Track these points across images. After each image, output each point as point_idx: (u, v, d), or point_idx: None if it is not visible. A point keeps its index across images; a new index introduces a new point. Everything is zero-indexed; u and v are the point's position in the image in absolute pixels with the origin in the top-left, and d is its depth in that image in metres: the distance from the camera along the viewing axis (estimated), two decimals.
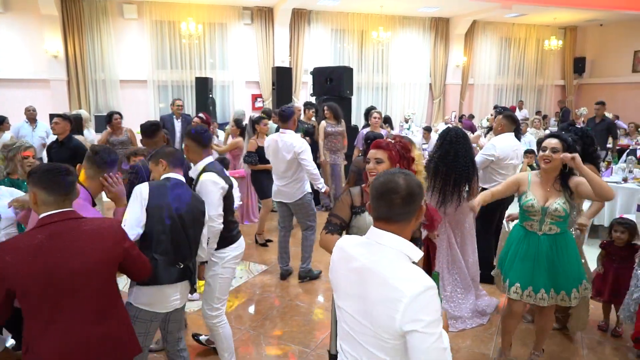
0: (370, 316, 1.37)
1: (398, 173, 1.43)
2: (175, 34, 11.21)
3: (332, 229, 2.27)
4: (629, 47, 14.06)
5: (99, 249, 1.79)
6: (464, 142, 3.52)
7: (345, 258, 1.50)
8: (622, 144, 9.17)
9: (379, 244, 1.41)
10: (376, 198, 1.42)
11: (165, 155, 2.51)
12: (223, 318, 2.86)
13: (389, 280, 1.34)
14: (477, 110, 14.24)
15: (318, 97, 8.13)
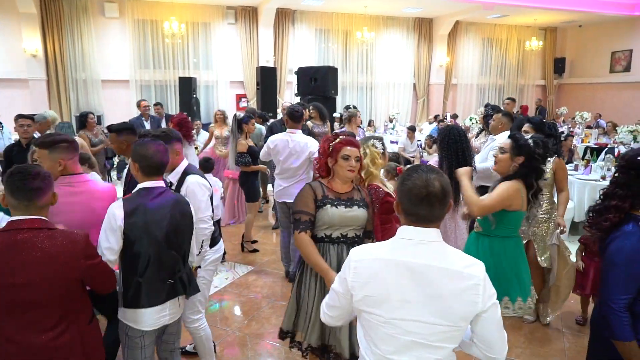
0: (449, 312, 1.36)
1: (430, 173, 1.41)
2: (158, 33, 11.09)
3: (304, 226, 2.28)
4: (607, 48, 14.39)
5: (44, 267, 1.72)
6: (466, 140, 3.57)
7: (392, 266, 1.41)
8: (600, 143, 9.38)
9: (428, 241, 1.40)
10: (415, 202, 1.39)
11: (138, 158, 2.18)
12: (204, 321, 2.83)
13: (462, 271, 1.37)
14: (461, 109, 14.41)
15: (303, 97, 8.13)
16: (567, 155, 6.81)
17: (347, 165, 2.30)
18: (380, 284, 1.41)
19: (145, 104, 7.39)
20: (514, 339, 3.46)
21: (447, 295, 1.36)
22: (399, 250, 1.42)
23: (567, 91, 16.06)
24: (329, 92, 8.21)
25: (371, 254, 1.46)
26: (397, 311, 1.39)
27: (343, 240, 2.34)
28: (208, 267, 2.77)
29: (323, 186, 2.36)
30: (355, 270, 1.46)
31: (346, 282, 1.47)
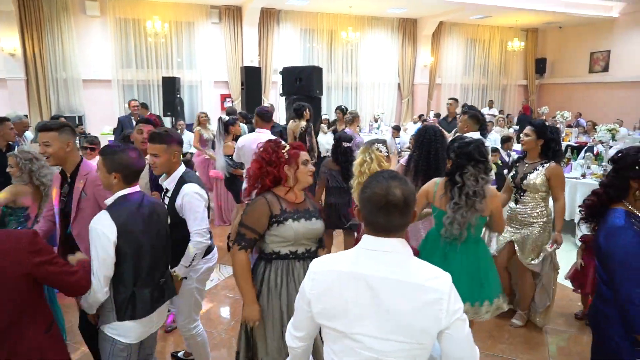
0: (409, 328, 1.28)
1: (392, 180, 1.33)
2: (141, 32, 10.95)
3: (247, 244, 2.12)
4: (586, 49, 14.69)
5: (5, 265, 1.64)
6: (442, 141, 3.48)
7: (349, 279, 1.33)
8: (580, 141, 9.57)
9: (388, 252, 1.32)
10: (374, 211, 1.32)
11: (121, 168, 2.07)
12: (201, 326, 2.81)
13: (424, 285, 1.28)
14: (444, 109, 14.51)
15: (288, 97, 8.11)
16: None
17: (308, 170, 2.20)
18: (336, 297, 1.34)
19: (135, 104, 7.31)
20: (498, 335, 3.51)
21: (407, 310, 1.27)
22: (359, 261, 1.34)
23: (548, 91, 16.35)
24: (314, 92, 8.20)
25: (329, 265, 1.40)
26: (356, 326, 1.32)
27: (308, 256, 2.22)
28: (201, 277, 2.69)
29: (279, 199, 2.17)
30: (313, 282, 1.40)
31: (305, 292, 1.41)
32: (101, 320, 2.12)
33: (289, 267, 2.19)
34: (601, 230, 1.85)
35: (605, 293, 1.85)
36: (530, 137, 3.39)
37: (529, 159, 3.46)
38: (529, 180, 3.36)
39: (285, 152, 2.20)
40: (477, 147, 2.60)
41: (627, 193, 1.84)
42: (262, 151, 2.23)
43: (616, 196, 1.85)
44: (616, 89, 13.84)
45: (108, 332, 2.08)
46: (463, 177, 2.57)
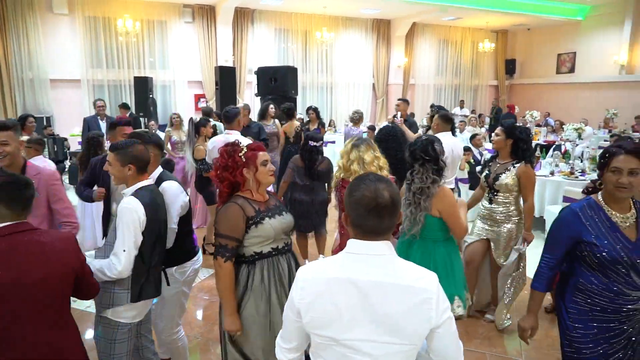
0: (400, 330, 1.29)
1: (378, 183, 1.32)
2: (111, 31, 10.71)
3: (230, 254, 2.10)
4: (553, 51, 15.15)
5: (59, 261, 1.74)
6: (394, 140, 3.53)
7: (339, 285, 1.32)
8: (548, 140, 9.87)
9: (377, 255, 1.32)
10: (363, 214, 1.31)
11: (136, 160, 2.21)
12: (182, 331, 2.80)
13: (414, 286, 1.29)
14: (419, 109, 14.75)
15: (263, 97, 8.08)
16: None
17: (268, 170, 2.19)
18: (327, 304, 1.32)
19: (101, 104, 7.14)
20: (472, 330, 3.59)
21: (399, 312, 1.28)
22: (348, 266, 1.33)
23: (517, 91, 16.79)
24: (289, 92, 8.21)
25: (318, 272, 1.37)
26: (348, 332, 1.31)
27: (287, 249, 2.26)
28: (188, 279, 2.67)
29: (249, 201, 2.15)
30: (302, 291, 1.36)
31: (294, 302, 1.37)
32: (104, 305, 2.16)
33: (274, 263, 2.20)
34: None
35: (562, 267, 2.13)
36: (499, 137, 3.46)
37: (501, 158, 3.53)
38: (501, 180, 3.41)
39: (242, 155, 2.16)
40: (424, 145, 2.67)
41: (600, 186, 2.00)
42: (218, 157, 2.21)
43: (594, 188, 2.07)
44: (581, 90, 14.33)
45: (112, 317, 2.15)
46: (412, 174, 2.68)
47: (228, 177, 2.15)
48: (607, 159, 1.89)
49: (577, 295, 1.96)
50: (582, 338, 1.94)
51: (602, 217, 1.92)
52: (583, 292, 1.95)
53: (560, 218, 2.03)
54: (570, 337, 1.98)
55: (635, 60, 12.97)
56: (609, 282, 1.88)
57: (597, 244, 1.88)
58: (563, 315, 2.02)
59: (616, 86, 13.29)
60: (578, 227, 1.93)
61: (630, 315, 1.92)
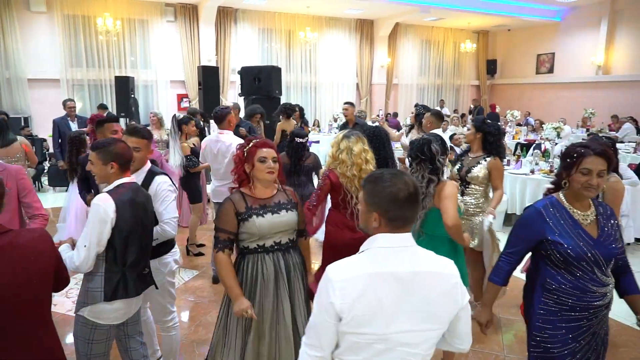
0: (437, 316, 1.37)
1: (399, 175, 1.39)
2: (91, 29, 10.54)
3: (222, 245, 2.18)
4: (533, 51, 15.43)
5: (41, 262, 1.72)
6: (378, 140, 3.54)
7: (380, 279, 1.34)
8: (528, 139, 10.05)
9: (408, 246, 1.39)
10: (402, 205, 1.36)
11: (118, 157, 2.19)
12: (176, 319, 2.85)
13: (443, 272, 1.39)
14: (402, 108, 14.88)
15: (247, 97, 8.05)
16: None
17: (265, 167, 2.20)
18: (370, 300, 1.32)
19: (72, 105, 6.99)
20: None
21: (435, 298, 1.36)
22: (383, 260, 1.36)
23: (498, 91, 17.05)
24: (273, 92, 8.19)
25: (354, 270, 1.35)
26: (391, 325, 1.33)
27: (277, 248, 2.27)
28: (170, 270, 2.74)
29: (245, 196, 2.23)
30: (343, 291, 1.32)
31: (333, 306, 1.32)
32: (81, 303, 2.13)
33: (257, 260, 2.25)
34: None
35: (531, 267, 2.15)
36: (470, 131, 3.71)
37: (472, 152, 3.73)
38: (473, 173, 3.59)
39: (245, 150, 2.24)
40: (420, 145, 2.73)
41: (562, 185, 2.01)
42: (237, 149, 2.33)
43: (557, 186, 2.05)
44: (560, 90, 14.63)
45: (89, 317, 2.12)
46: (410, 172, 2.76)
47: (237, 171, 2.27)
48: (575, 159, 1.90)
49: (545, 296, 1.96)
50: (551, 338, 1.95)
51: (564, 216, 1.95)
52: (551, 292, 1.95)
53: (524, 217, 2.04)
54: (538, 338, 1.98)
55: (611, 61, 13.30)
56: (575, 280, 1.90)
57: (561, 242, 1.90)
58: (531, 316, 2.02)
59: (593, 86, 13.60)
60: (542, 226, 1.94)
61: (597, 312, 1.95)
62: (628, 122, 11.11)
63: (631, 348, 3.39)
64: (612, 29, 13.08)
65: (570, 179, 1.93)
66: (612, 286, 1.99)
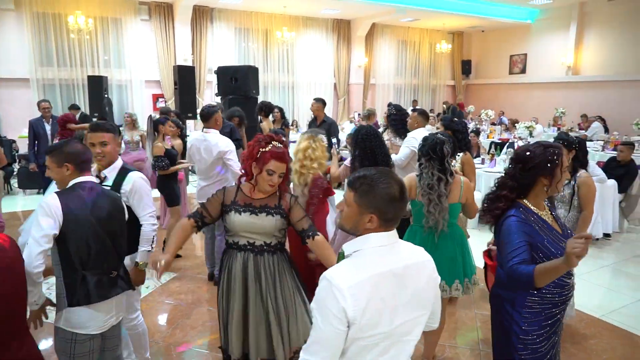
0: (426, 301, 1.47)
1: (384, 175, 1.41)
2: (62, 28, 10.27)
3: (193, 215, 2.32)
4: (506, 52, 15.78)
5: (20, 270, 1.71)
6: (375, 139, 3.60)
7: (382, 278, 1.36)
8: (503, 138, 10.27)
9: (396, 242, 1.46)
10: (395, 204, 1.39)
11: (72, 157, 2.10)
12: (141, 317, 2.82)
13: (425, 259, 1.49)
14: (379, 108, 14.97)
15: (223, 97, 7.98)
16: (476, 150, 7.38)
17: (270, 179, 2.22)
18: (377, 301, 1.33)
19: (46, 105, 6.82)
20: None
21: (424, 285, 1.45)
22: (381, 260, 1.39)
23: (473, 91, 17.37)
24: (250, 91, 8.13)
25: (360, 274, 1.34)
26: (394, 321, 1.37)
27: (250, 249, 2.27)
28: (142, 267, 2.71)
29: (239, 191, 2.31)
30: (354, 297, 1.29)
31: (345, 313, 1.28)
32: (56, 315, 2.08)
33: (231, 256, 2.33)
34: (501, 223, 1.98)
35: (500, 276, 2.05)
36: (440, 130, 3.94)
37: None
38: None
39: (261, 150, 2.23)
40: (434, 144, 2.84)
41: (531, 190, 1.97)
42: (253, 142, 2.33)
43: (523, 193, 1.98)
44: (532, 89, 15.00)
45: (66, 327, 2.04)
46: (421, 168, 2.91)
47: (244, 166, 2.31)
48: (557, 160, 1.90)
49: (529, 300, 1.94)
50: (537, 338, 1.96)
51: (538, 221, 1.93)
52: (535, 295, 1.92)
53: (511, 224, 1.90)
54: (526, 341, 1.96)
55: (580, 62, 13.71)
56: (557, 279, 1.88)
57: (550, 247, 1.88)
58: (516, 322, 1.96)
59: (564, 86, 14.00)
60: (529, 230, 1.89)
61: (568, 300, 2.02)
62: (596, 121, 11.48)
63: (600, 339, 3.51)
64: (581, 31, 13.49)
65: (559, 181, 1.93)
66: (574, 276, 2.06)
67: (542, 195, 1.98)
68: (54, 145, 2.20)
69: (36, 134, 6.57)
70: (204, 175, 4.29)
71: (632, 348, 3.40)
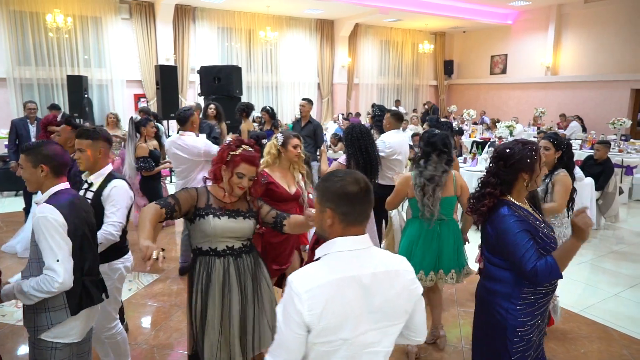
0: (396, 311, 1.41)
1: (354, 173, 1.41)
2: (40, 26, 10.06)
3: (162, 203, 2.13)
4: (487, 53, 16.01)
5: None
6: (368, 137, 3.69)
7: (344, 284, 1.33)
8: (484, 137, 10.42)
9: (365, 248, 1.40)
10: (352, 199, 1.37)
11: (48, 159, 2.02)
12: (120, 325, 2.78)
13: (400, 269, 1.43)
14: (363, 108, 15.07)
15: (207, 97, 7.93)
16: (458, 150, 7.48)
17: (239, 182, 2.19)
18: (338, 306, 1.31)
19: (32, 106, 6.68)
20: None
21: (395, 295, 1.39)
22: (345, 265, 1.36)
23: (456, 91, 17.58)
24: (234, 91, 8.11)
25: (321, 278, 1.33)
26: (358, 328, 1.34)
27: (230, 253, 2.25)
28: (120, 276, 2.67)
29: (209, 194, 2.25)
30: (310, 301, 1.29)
31: (302, 317, 1.29)
32: (41, 328, 1.98)
33: (209, 264, 2.23)
34: (490, 221, 2.02)
35: (492, 272, 2.06)
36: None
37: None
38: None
39: (231, 153, 2.19)
40: (444, 139, 2.95)
41: (514, 186, 2.02)
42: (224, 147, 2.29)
43: (507, 190, 2.03)
44: (513, 90, 15.25)
45: (47, 338, 1.98)
46: (426, 163, 2.98)
47: (213, 169, 2.23)
48: (536, 157, 1.97)
49: (524, 292, 1.96)
50: (530, 328, 2.00)
51: (527, 214, 1.98)
52: (530, 285, 1.95)
53: (511, 224, 1.91)
54: (521, 333, 1.98)
55: (558, 63, 13.99)
56: None
57: (543, 237, 1.93)
58: (513, 315, 1.97)
59: (543, 86, 14.27)
60: (527, 224, 1.91)
61: (555, 289, 2.08)
62: (574, 121, 11.73)
63: (578, 334, 3.60)
64: (559, 33, 13.76)
65: (537, 176, 1.98)
66: None
67: (523, 191, 2.03)
68: (32, 144, 2.10)
69: (18, 135, 6.42)
70: (182, 176, 4.37)
71: (608, 341, 3.49)
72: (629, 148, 8.52)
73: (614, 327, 3.69)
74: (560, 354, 3.31)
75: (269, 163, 3.14)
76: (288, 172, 3.17)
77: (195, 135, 4.30)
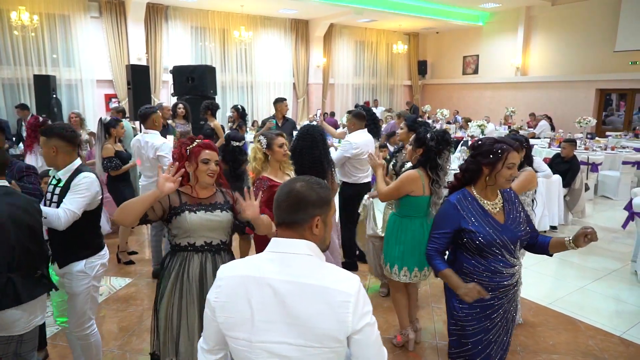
0: (316, 332, 1.24)
1: (297, 182, 1.38)
2: (4, 24, 9.72)
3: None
4: (459, 53, 16.31)
5: None
6: (308, 139, 3.53)
7: (254, 284, 1.29)
8: (457, 136, 10.61)
9: (294, 254, 1.31)
10: (277, 206, 1.37)
11: None
12: (95, 327, 2.72)
13: (331, 287, 1.25)
14: (339, 108, 15.13)
15: (180, 97, 7.81)
16: None
17: (207, 169, 2.21)
18: (241, 303, 1.28)
19: None
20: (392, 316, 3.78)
21: (313, 314, 1.24)
22: (265, 265, 1.31)
23: (429, 91, 17.84)
24: (208, 91, 8.02)
25: (235, 271, 1.34)
26: (263, 334, 1.27)
27: (207, 249, 2.25)
28: (97, 274, 2.63)
29: (181, 193, 2.24)
30: (218, 289, 1.32)
31: (210, 301, 1.34)
32: None
33: (187, 259, 2.24)
34: None
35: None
36: (403, 130, 3.93)
37: (406, 149, 3.89)
38: (406, 167, 3.74)
39: (188, 148, 2.23)
40: (443, 134, 3.05)
41: (478, 178, 2.15)
42: (177, 145, 2.31)
43: (470, 179, 2.17)
44: (484, 90, 15.58)
45: None
46: (441, 160, 3.01)
47: (177, 169, 2.18)
48: (500, 155, 2.05)
49: (462, 279, 2.11)
50: (467, 317, 2.16)
51: (475, 206, 2.13)
52: (467, 275, 2.14)
53: (443, 210, 2.19)
54: (456, 317, 2.20)
55: (528, 64, 14.37)
56: (487, 263, 2.10)
57: (474, 230, 2.08)
58: (450, 298, 2.23)
59: (513, 86, 14.63)
60: (457, 217, 2.11)
61: (506, 290, 2.18)
62: (543, 120, 12.07)
63: (546, 326, 3.71)
64: (528, 34, 14.13)
65: (498, 174, 2.07)
66: (519, 267, 2.23)
67: (497, 185, 2.11)
68: None
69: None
70: (146, 174, 4.48)
71: (575, 333, 3.61)
72: (594, 146, 8.83)
73: (581, 318, 3.82)
74: (530, 346, 3.40)
75: (259, 169, 3.04)
76: (279, 172, 3.07)
77: (158, 134, 4.36)
